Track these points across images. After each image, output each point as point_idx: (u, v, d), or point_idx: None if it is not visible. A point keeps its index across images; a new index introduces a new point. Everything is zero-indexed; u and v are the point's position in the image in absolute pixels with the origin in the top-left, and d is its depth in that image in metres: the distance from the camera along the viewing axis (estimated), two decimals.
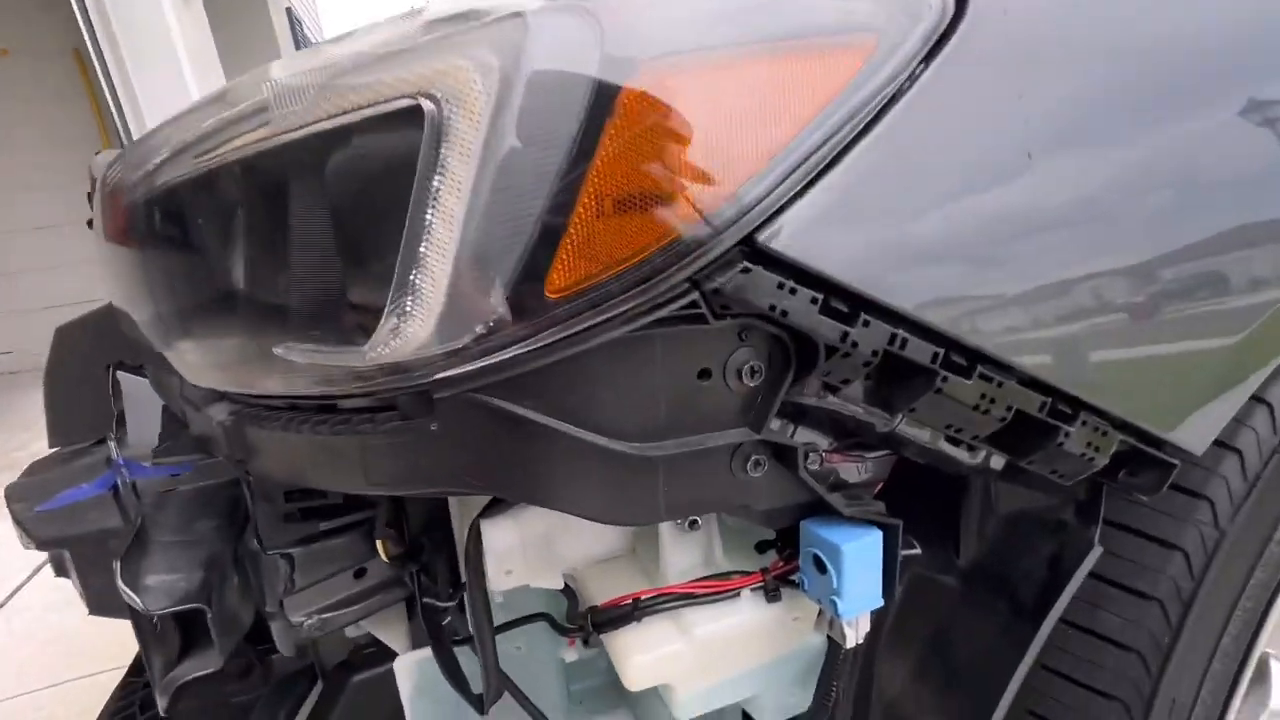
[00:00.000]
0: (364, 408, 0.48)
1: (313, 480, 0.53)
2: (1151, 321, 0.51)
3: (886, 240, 0.45)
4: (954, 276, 0.46)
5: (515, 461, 0.46)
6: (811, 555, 0.55)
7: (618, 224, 0.42)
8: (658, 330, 0.44)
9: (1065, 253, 0.48)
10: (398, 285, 0.43)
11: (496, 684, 0.67)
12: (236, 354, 0.55)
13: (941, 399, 0.47)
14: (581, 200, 0.42)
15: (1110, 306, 0.50)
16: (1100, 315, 0.49)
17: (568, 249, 0.42)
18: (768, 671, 0.64)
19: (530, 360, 0.43)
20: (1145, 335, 0.51)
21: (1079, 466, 0.51)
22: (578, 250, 0.42)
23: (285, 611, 0.79)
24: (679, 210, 0.42)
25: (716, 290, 0.42)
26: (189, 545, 0.69)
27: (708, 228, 0.42)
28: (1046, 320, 0.48)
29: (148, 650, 0.61)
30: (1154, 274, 0.50)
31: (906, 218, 0.45)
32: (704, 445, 0.48)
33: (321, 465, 0.51)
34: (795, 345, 0.47)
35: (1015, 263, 0.47)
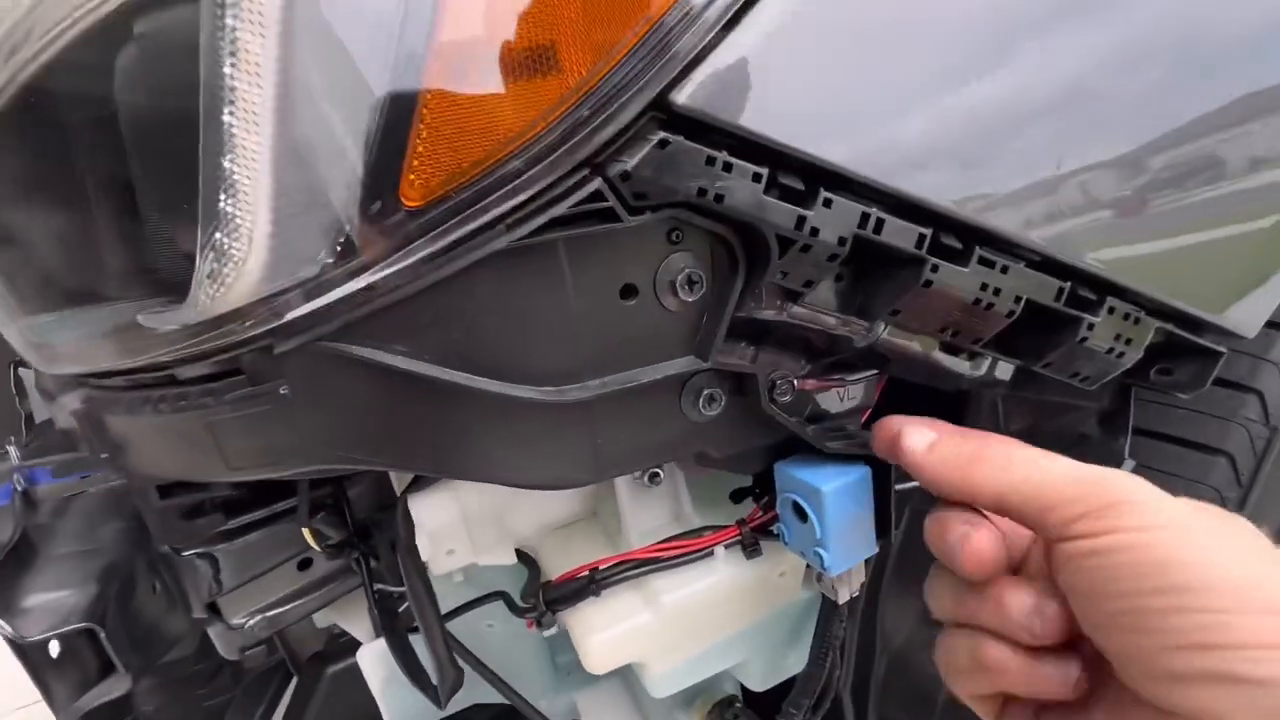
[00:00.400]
0: (204, 376, 0.38)
1: (171, 471, 0.43)
2: (1198, 188, 0.40)
3: (846, 88, 0.34)
4: (939, 126, 0.35)
5: (394, 425, 0.36)
6: (789, 502, 0.46)
7: (483, 96, 0.31)
8: (558, 234, 0.33)
9: (1093, 90, 0.37)
10: (205, 215, 0.33)
11: (452, 675, 0.59)
12: (63, 326, 0.44)
13: (932, 295, 0.37)
14: (431, 67, 0.31)
15: (1145, 164, 0.39)
16: (1136, 172, 0.38)
17: (422, 138, 0.32)
18: (755, 634, 0.56)
19: (391, 291, 0.33)
20: (1190, 207, 0.40)
21: (1105, 365, 0.41)
22: (435, 138, 0.32)
23: (223, 615, 0.71)
24: (563, 64, 0.31)
25: (626, 175, 0.32)
26: (86, 556, 0.60)
27: (605, 86, 0.31)
28: (1065, 182, 0.37)
29: (41, 678, 0.53)
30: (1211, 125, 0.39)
31: (872, 55, 0.34)
32: (638, 381, 0.38)
33: (177, 452, 0.42)
34: (742, 243, 0.36)
35: (1024, 102, 0.36)
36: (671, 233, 0.36)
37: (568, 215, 0.33)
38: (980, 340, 0.40)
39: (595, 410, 0.39)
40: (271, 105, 0.31)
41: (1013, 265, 0.37)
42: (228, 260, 0.33)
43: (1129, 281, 0.39)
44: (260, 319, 0.33)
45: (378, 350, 0.34)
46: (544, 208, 0.32)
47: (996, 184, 0.37)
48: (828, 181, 0.34)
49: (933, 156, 0.36)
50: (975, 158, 0.36)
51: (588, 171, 0.32)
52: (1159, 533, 0.28)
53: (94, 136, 0.39)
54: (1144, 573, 0.27)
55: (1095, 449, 0.48)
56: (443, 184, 0.32)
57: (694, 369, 0.39)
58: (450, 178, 0.32)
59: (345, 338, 0.33)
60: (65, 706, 0.54)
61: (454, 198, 0.32)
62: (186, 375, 0.39)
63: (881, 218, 0.35)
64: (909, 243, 0.35)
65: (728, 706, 0.66)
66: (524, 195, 0.32)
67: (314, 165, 0.32)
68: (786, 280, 0.36)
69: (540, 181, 0.32)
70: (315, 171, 0.32)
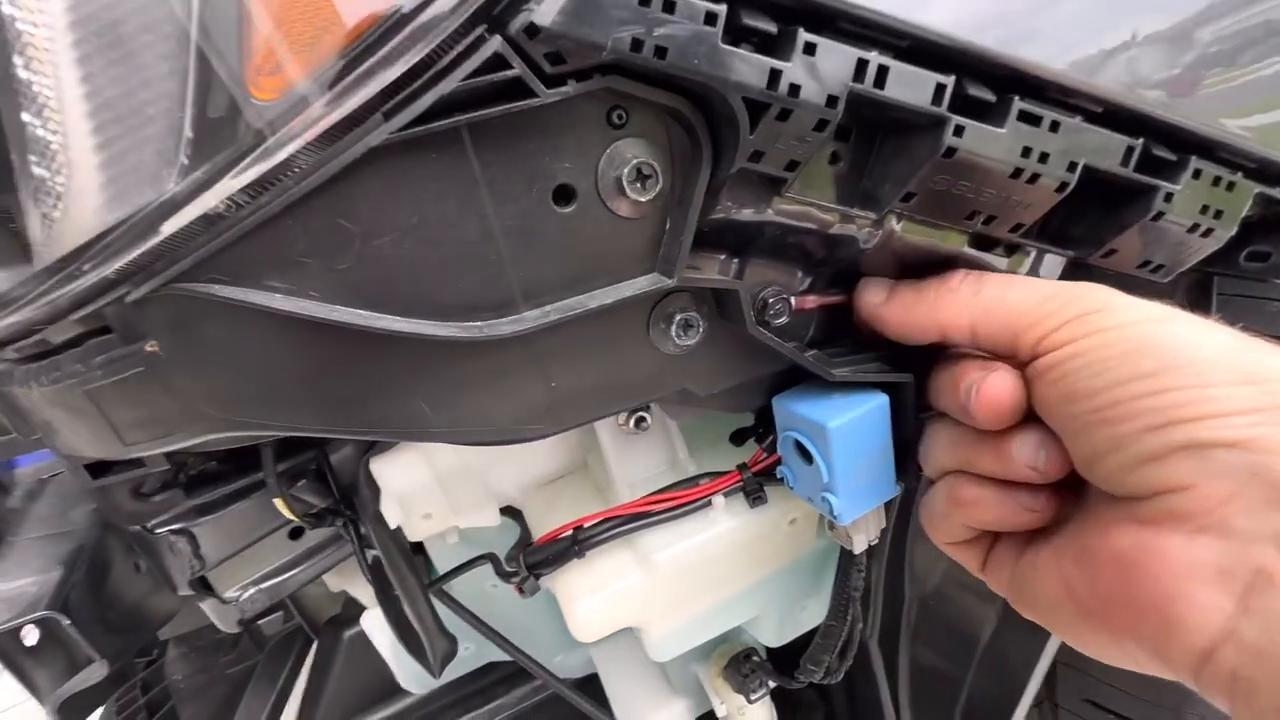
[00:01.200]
0: (73, 339, 0.32)
1: (79, 448, 0.38)
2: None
3: None
4: None
5: (291, 381, 0.30)
6: (792, 441, 0.39)
7: None
8: (458, 120, 0.25)
9: None
10: (13, 141, 0.26)
11: (444, 645, 0.55)
12: None
13: (957, 168, 0.28)
14: None
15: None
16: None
17: (268, 6, 0.24)
18: (766, 588, 0.50)
19: (251, 213, 0.25)
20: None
21: (1186, 249, 0.32)
22: (284, 7, 0.24)
23: (214, 589, 0.69)
24: None
25: (533, 29, 0.24)
26: (54, 540, 0.57)
27: None
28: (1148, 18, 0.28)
29: (18, 667, 0.51)
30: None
31: None
32: (587, 308, 0.30)
33: (75, 428, 0.36)
34: (703, 117, 0.28)
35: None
36: (612, 112, 0.28)
37: (466, 94, 0.25)
38: (1021, 228, 0.31)
39: (541, 346, 0.32)
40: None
41: (1065, 120, 0.28)
42: (48, 191, 0.26)
43: (1222, 133, 0.30)
44: (99, 260, 0.27)
45: (249, 290, 0.27)
46: (429, 84, 0.24)
47: (1040, 10, 0.28)
48: (809, 19, 0.26)
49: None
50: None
51: (483, 29, 0.24)
52: (1134, 327, 0.27)
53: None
54: (1120, 363, 0.26)
55: None
56: (300, 66, 0.24)
57: (660, 289, 0.32)
58: (306, 57, 0.24)
59: (205, 276, 0.27)
60: (48, 694, 0.52)
61: (315, 82, 0.24)
62: (57, 340, 0.33)
63: (885, 64, 0.26)
64: (923, 97, 0.27)
65: (745, 659, 0.61)
66: (398, 68, 0.24)
67: (128, 55, 0.25)
68: (764, 164, 0.28)
69: (419, 48, 0.24)
70: (132, 63, 0.25)
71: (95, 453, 0.37)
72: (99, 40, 0.24)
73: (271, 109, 0.24)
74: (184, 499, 0.55)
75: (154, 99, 0.25)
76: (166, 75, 0.25)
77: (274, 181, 0.25)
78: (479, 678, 0.94)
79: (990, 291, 0.31)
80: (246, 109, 0.25)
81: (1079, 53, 0.29)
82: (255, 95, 0.25)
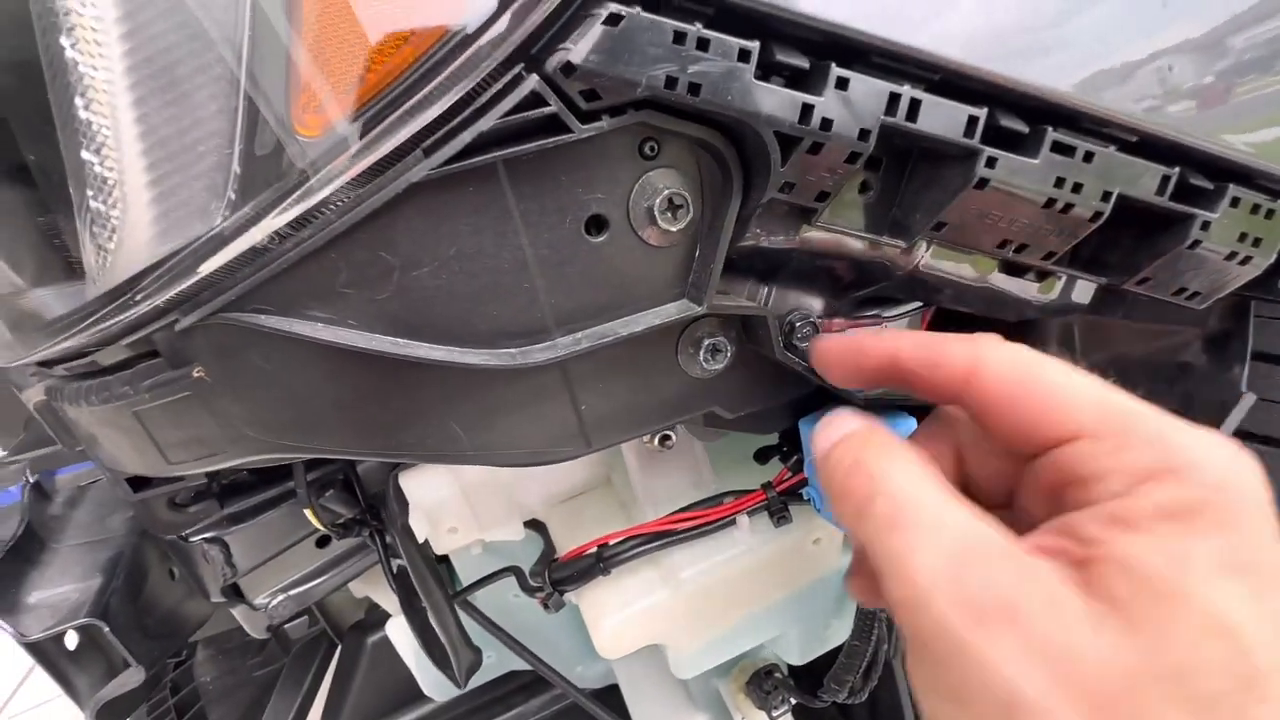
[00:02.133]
0: (123, 361, 0.33)
1: (125, 464, 0.39)
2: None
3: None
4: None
5: (331, 407, 0.30)
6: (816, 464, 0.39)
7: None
8: (494, 156, 0.26)
9: None
10: (72, 175, 0.27)
11: (469, 656, 0.56)
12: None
13: (989, 199, 0.28)
14: None
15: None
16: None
17: (308, 44, 0.25)
18: (790, 607, 0.50)
19: (295, 245, 0.26)
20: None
21: (1223, 276, 0.32)
22: (325, 43, 0.25)
23: (245, 596, 0.70)
24: None
25: (570, 67, 0.24)
26: (94, 547, 0.58)
27: None
28: (1171, 28, 0.28)
29: (60, 672, 0.53)
30: None
31: None
32: (618, 335, 0.31)
33: (122, 445, 0.38)
34: (735, 149, 0.28)
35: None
36: (644, 144, 0.28)
37: (503, 130, 0.25)
38: (1054, 256, 0.31)
39: (571, 372, 0.33)
40: (114, 21, 0.25)
41: (1099, 150, 0.28)
42: (104, 223, 0.27)
43: (1263, 160, 0.30)
44: (151, 290, 0.28)
45: (292, 320, 0.28)
46: (467, 122, 0.25)
47: (1073, 42, 0.28)
48: (841, 54, 0.26)
49: (980, 9, 0.26)
50: (1043, 7, 0.27)
51: (520, 68, 0.25)
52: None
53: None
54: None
55: (1202, 382, 0.39)
56: (343, 104, 0.25)
57: (688, 315, 0.32)
58: (349, 95, 0.25)
59: (251, 306, 0.28)
60: (87, 698, 0.54)
61: (358, 120, 0.25)
62: (107, 362, 0.34)
63: (917, 98, 0.26)
64: (955, 129, 0.27)
65: (767, 675, 0.61)
66: (438, 108, 0.24)
67: (181, 96, 0.26)
68: (794, 195, 0.28)
69: (458, 87, 0.24)
70: (184, 104, 0.26)
71: (140, 470, 0.38)
72: (154, 83, 0.25)
73: (316, 146, 0.25)
74: (218, 508, 0.56)
75: (204, 137, 0.26)
76: (216, 114, 0.26)
77: (317, 216, 0.26)
78: (499, 685, 0.95)
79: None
80: (292, 147, 0.26)
81: (1107, 62, 0.28)
82: (301, 133, 0.26)
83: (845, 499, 0.25)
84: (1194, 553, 0.19)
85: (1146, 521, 0.20)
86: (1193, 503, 0.20)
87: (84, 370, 0.37)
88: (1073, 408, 0.23)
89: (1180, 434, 0.21)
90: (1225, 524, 0.19)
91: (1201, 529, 0.19)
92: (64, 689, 0.53)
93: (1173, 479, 0.20)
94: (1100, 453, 0.22)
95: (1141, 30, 0.29)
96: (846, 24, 0.25)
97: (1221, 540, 0.19)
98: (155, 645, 0.57)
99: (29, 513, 0.58)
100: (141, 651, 0.54)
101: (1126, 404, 0.23)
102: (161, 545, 0.64)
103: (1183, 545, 0.19)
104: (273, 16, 0.25)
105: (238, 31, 0.25)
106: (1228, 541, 0.19)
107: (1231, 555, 0.19)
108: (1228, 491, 0.20)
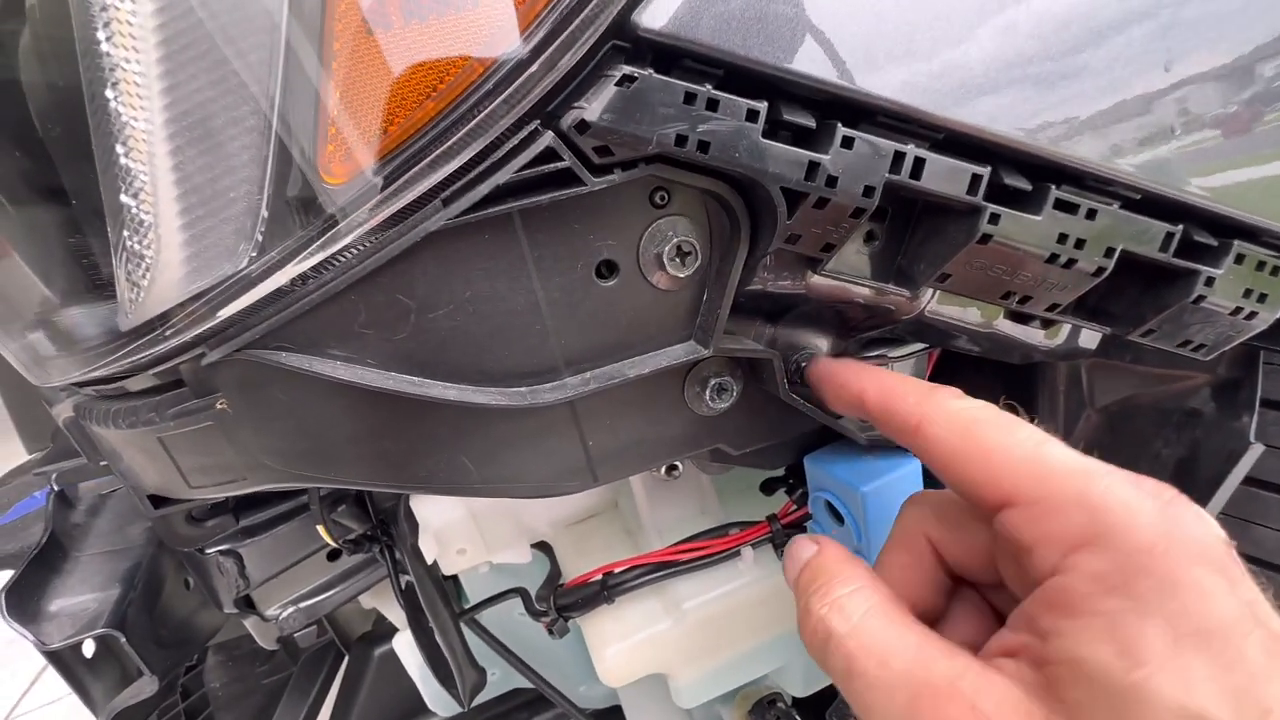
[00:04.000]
0: (150, 389, 0.35)
1: (148, 484, 0.41)
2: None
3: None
4: (996, 31, 0.26)
5: (348, 441, 0.31)
6: (823, 501, 0.40)
7: (400, 42, 0.25)
8: (510, 206, 0.27)
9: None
10: (110, 213, 0.29)
11: (473, 676, 0.57)
12: (36, 334, 0.42)
13: (992, 252, 0.29)
14: (336, 13, 0.25)
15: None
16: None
17: (336, 99, 0.26)
18: (792, 639, 0.50)
19: (318, 288, 0.28)
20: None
21: (1229, 330, 0.32)
22: (352, 98, 0.26)
23: (257, 608, 0.71)
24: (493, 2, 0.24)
25: (584, 125, 0.25)
26: (113, 557, 0.60)
27: (549, 14, 0.24)
28: (1172, 91, 0.28)
29: (77, 680, 0.54)
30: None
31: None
32: (626, 377, 0.32)
33: (146, 466, 0.39)
34: (743, 201, 0.29)
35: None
36: (655, 193, 0.29)
37: (519, 182, 0.26)
38: (1058, 307, 0.31)
39: (580, 409, 0.33)
40: (156, 77, 0.26)
41: (1103, 208, 0.28)
42: (139, 262, 0.29)
43: (1265, 218, 0.30)
44: (181, 326, 0.29)
45: (313, 358, 0.29)
46: (485, 174, 0.26)
47: (1078, 101, 0.28)
48: (847, 114, 0.27)
49: (988, 70, 0.27)
50: (1047, 68, 0.27)
51: (536, 125, 0.26)
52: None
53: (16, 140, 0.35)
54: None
55: (1211, 429, 0.39)
56: (368, 154, 0.26)
57: (695, 357, 0.33)
58: (374, 146, 0.26)
59: (274, 344, 0.29)
60: (102, 705, 0.55)
61: (381, 170, 0.26)
62: (135, 388, 0.36)
63: (921, 156, 0.27)
64: (959, 187, 0.27)
65: (770, 705, 0.61)
66: (457, 162, 0.26)
67: (215, 145, 0.27)
68: (799, 245, 0.29)
69: (476, 142, 0.25)
70: (218, 152, 0.27)
71: (161, 491, 0.40)
72: (191, 133, 0.27)
73: (341, 194, 0.27)
74: (233, 523, 0.58)
75: (236, 184, 0.27)
76: (248, 163, 0.27)
77: (339, 260, 0.27)
78: (504, 702, 0.95)
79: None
80: (319, 194, 0.27)
81: (1127, 91, 0.28)
82: (327, 181, 0.27)
83: (809, 643, 0.26)
84: (1144, 635, 0.18)
85: (1087, 600, 0.19)
86: (1128, 570, 0.19)
87: (113, 393, 0.38)
88: (1004, 471, 0.22)
89: (1104, 492, 0.20)
90: (1168, 588, 0.18)
91: (1145, 600, 0.18)
92: (80, 696, 0.54)
93: (1101, 544, 0.19)
94: (1029, 520, 0.21)
95: (1154, 62, 0.29)
96: (853, 86, 0.26)
97: (1171, 608, 0.18)
98: (169, 655, 0.58)
99: (53, 521, 0.60)
100: (155, 661, 0.55)
101: (1051, 463, 0.22)
102: (178, 556, 0.65)
103: (1131, 628, 0.18)
104: (304, 71, 0.26)
105: (270, 84, 0.26)
106: (1178, 608, 0.18)
107: (1185, 623, 0.18)
108: (1164, 552, 0.19)
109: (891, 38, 0.26)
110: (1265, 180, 0.30)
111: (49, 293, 0.36)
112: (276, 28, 0.25)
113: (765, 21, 0.25)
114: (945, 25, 0.26)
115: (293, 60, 0.26)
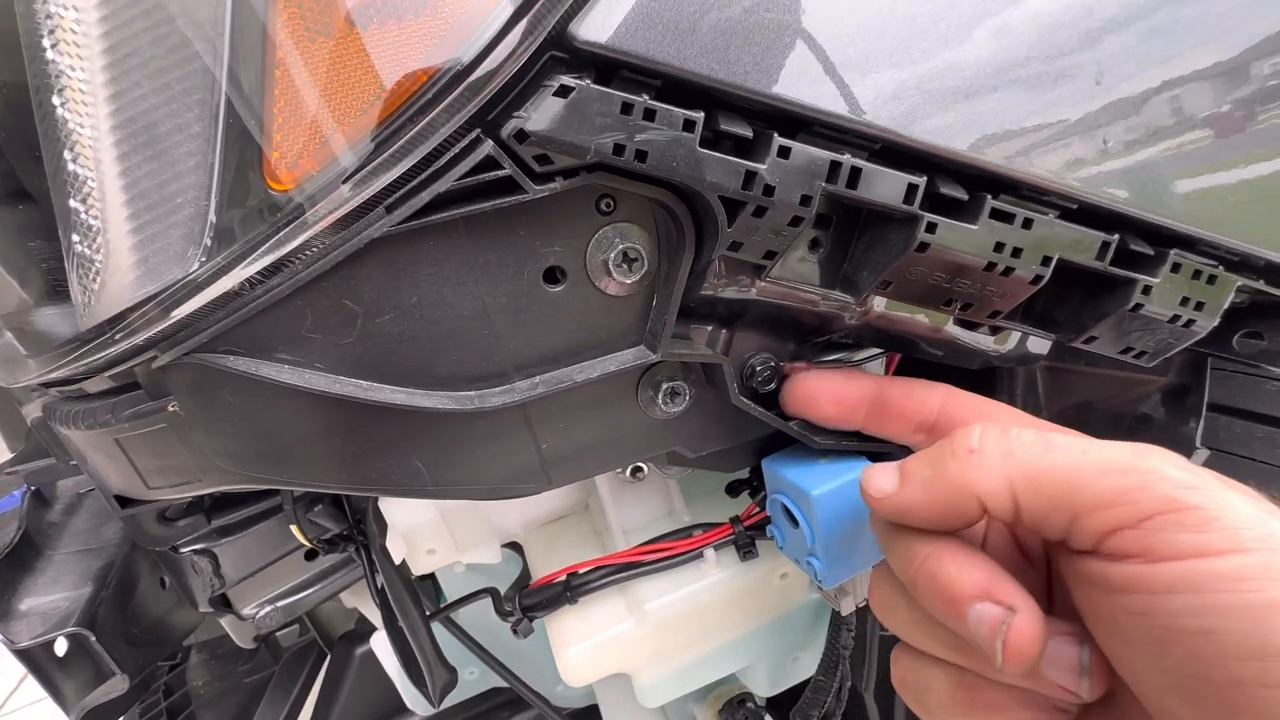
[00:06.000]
0: (107, 390, 0.35)
1: (113, 484, 0.41)
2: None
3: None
4: (931, 42, 0.27)
5: (300, 443, 0.32)
6: (779, 504, 0.40)
7: (342, 50, 0.26)
8: (455, 213, 0.27)
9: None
10: (60, 218, 0.29)
11: (444, 676, 0.57)
12: None
13: (930, 260, 0.29)
14: (277, 23, 0.25)
15: (1245, 73, 0.30)
16: (1229, 82, 0.29)
17: (280, 107, 0.26)
18: (757, 640, 0.51)
19: (264, 293, 0.28)
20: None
21: (1168, 337, 0.33)
22: (294, 106, 0.26)
23: (233, 607, 0.72)
24: (433, 12, 0.25)
25: (522, 134, 0.25)
26: (86, 556, 0.60)
27: (486, 26, 0.25)
28: (1107, 104, 0.29)
29: (48, 678, 0.54)
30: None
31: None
32: (574, 381, 0.32)
33: (109, 466, 0.39)
34: (687, 208, 0.30)
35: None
36: (600, 200, 0.30)
37: (462, 189, 0.27)
38: (999, 314, 0.32)
39: (532, 412, 0.34)
40: (101, 85, 0.26)
41: (1038, 217, 0.29)
42: (89, 265, 0.29)
43: (1200, 229, 0.30)
44: (132, 329, 0.29)
45: (260, 361, 0.29)
46: (427, 182, 0.26)
47: (1012, 114, 0.29)
48: (786, 124, 0.27)
49: (922, 81, 0.27)
50: (979, 80, 0.28)
51: (477, 133, 0.26)
52: (1243, 560, 0.20)
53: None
54: (1243, 629, 0.20)
55: (1159, 434, 0.40)
56: (312, 161, 0.27)
57: (644, 362, 0.33)
58: (318, 153, 0.27)
59: (223, 347, 0.29)
60: (73, 704, 0.55)
61: (325, 176, 0.27)
62: (93, 389, 0.36)
63: (857, 166, 0.27)
64: (895, 196, 0.28)
65: (740, 704, 0.61)
66: (399, 169, 0.26)
67: (161, 152, 0.27)
68: (743, 253, 0.29)
69: (418, 150, 0.26)
70: (164, 158, 0.27)
71: (122, 491, 0.40)
72: (137, 139, 0.27)
73: (285, 201, 0.27)
74: (206, 522, 0.58)
75: (183, 190, 0.28)
76: (194, 169, 0.27)
77: (286, 265, 0.27)
78: (484, 700, 0.96)
79: (1026, 454, 0.25)
80: (264, 200, 0.27)
81: (1061, 105, 0.29)
82: (272, 187, 0.27)
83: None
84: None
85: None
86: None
87: (74, 394, 0.39)
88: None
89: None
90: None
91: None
92: (51, 695, 0.54)
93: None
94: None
95: (1087, 73, 0.30)
96: (789, 96, 0.26)
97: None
98: (141, 654, 0.59)
99: (26, 520, 0.60)
100: (127, 660, 0.56)
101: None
102: (152, 555, 0.66)
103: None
104: (247, 79, 0.26)
105: (215, 92, 0.27)
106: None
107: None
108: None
109: (827, 49, 0.27)
110: (1201, 191, 0.31)
111: (23, 293, 0.37)
112: (220, 36, 0.26)
113: (699, 33, 0.25)
114: (879, 37, 0.27)
115: (236, 69, 0.26)
